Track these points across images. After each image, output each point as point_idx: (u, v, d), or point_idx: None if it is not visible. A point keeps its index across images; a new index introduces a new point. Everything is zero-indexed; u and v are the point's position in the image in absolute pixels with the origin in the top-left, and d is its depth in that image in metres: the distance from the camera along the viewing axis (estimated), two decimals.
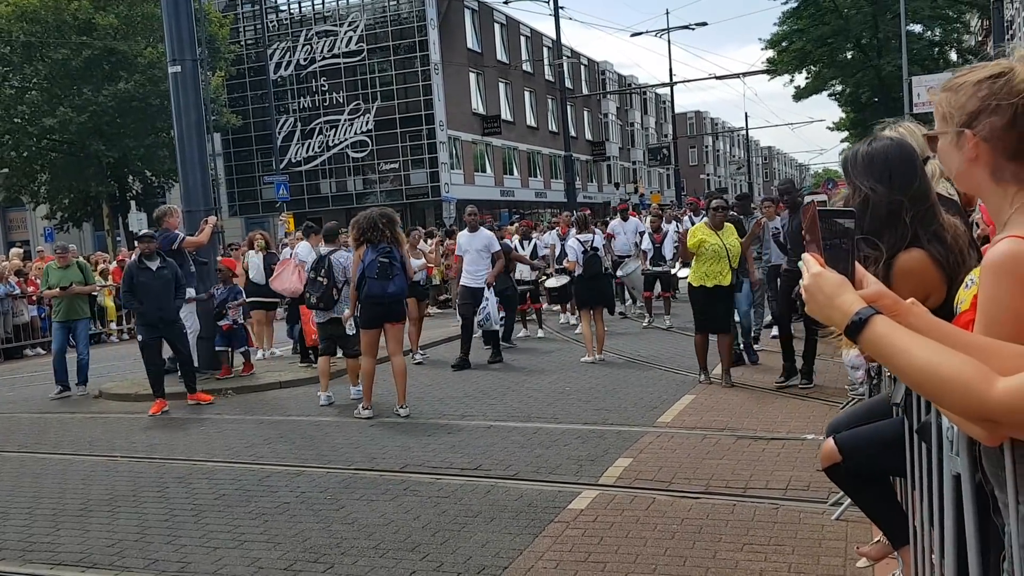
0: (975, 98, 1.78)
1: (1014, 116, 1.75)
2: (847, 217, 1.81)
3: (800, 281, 1.72)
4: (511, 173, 48.60)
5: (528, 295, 13.80)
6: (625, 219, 15.59)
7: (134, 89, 29.79)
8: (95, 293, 14.99)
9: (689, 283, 9.04)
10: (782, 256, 9.95)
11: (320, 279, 8.84)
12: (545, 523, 5.02)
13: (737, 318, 9.74)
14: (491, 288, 11.18)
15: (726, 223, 8.96)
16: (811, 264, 1.68)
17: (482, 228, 11.45)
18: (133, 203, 35.76)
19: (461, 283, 11.27)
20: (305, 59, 41.77)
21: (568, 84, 45.69)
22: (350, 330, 8.90)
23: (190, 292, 10.28)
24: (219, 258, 11.07)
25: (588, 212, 13.18)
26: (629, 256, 14.51)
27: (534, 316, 14.09)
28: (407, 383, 8.42)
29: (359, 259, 8.18)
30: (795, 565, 4.23)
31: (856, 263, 1.81)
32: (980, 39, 43.31)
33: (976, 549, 2.25)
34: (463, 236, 11.47)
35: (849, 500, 4.23)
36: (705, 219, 9.74)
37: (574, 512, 5.20)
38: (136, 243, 10.05)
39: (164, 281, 9.20)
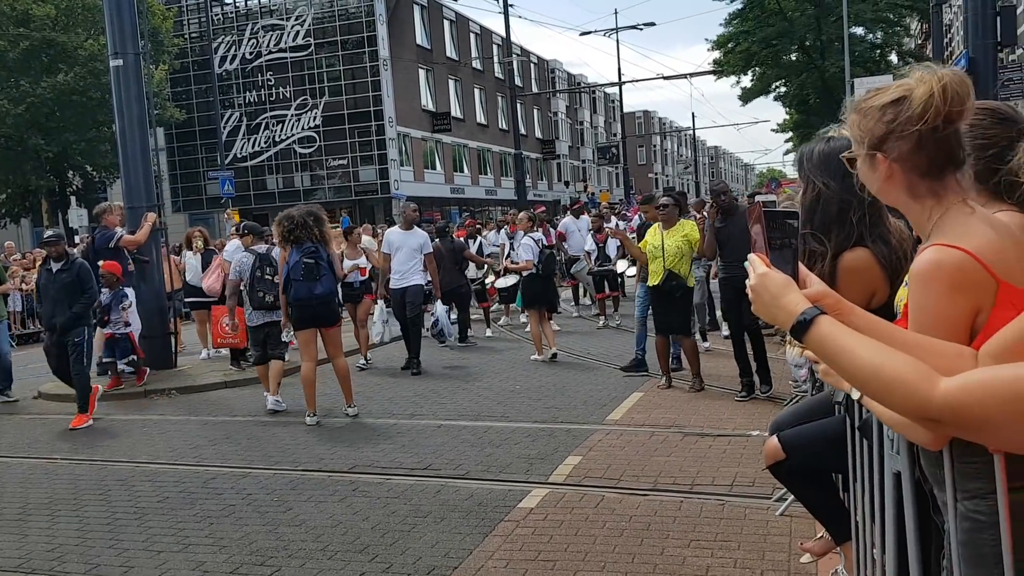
0: (881, 123, 1.84)
1: (919, 139, 1.81)
2: (792, 218, 1.84)
3: (746, 281, 1.75)
4: (461, 170, 48.50)
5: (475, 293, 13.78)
6: (578, 216, 15.52)
7: (74, 82, 29.07)
8: (8, 293, 14.49)
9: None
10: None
11: (268, 276, 8.51)
12: (495, 522, 5.03)
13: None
14: (439, 300, 10.91)
15: (684, 221, 8.61)
16: (757, 264, 1.70)
17: (416, 227, 10.89)
18: (73, 198, 34.89)
19: (391, 285, 10.58)
20: (251, 53, 41.16)
21: (518, 82, 45.78)
22: (287, 336, 8.68)
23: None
24: (101, 262, 9.91)
25: (543, 210, 12.99)
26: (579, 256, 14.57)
27: (481, 314, 14.07)
28: (352, 383, 8.25)
29: (284, 260, 7.95)
30: (741, 560, 4.29)
31: (800, 264, 1.84)
32: (920, 42, 44.41)
33: (916, 545, 2.30)
34: (395, 233, 10.81)
35: (793, 496, 4.31)
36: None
37: (524, 511, 5.21)
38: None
39: (60, 285, 8.51)
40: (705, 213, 10.06)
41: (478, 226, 16.86)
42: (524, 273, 10.88)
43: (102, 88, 26.46)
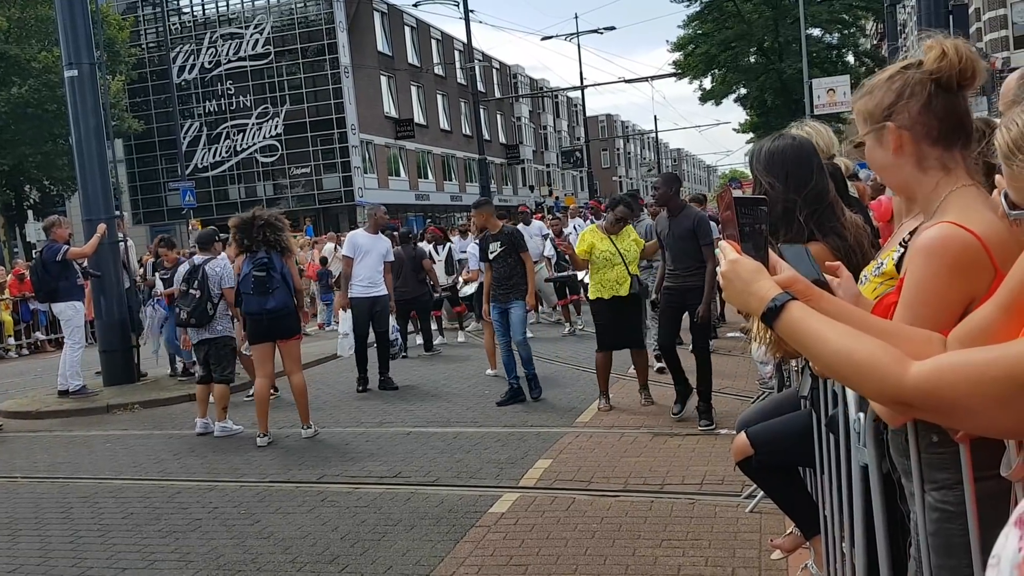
0: (890, 92, 1.85)
1: (929, 97, 1.81)
2: (761, 204, 1.84)
3: (717, 268, 1.72)
4: (426, 176, 48.40)
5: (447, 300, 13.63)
6: (528, 223, 14.62)
7: (29, 95, 28.57)
8: None
9: (588, 296, 7.96)
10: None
11: (192, 291, 7.91)
12: (466, 528, 5.00)
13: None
14: (392, 314, 10.31)
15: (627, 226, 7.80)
16: (728, 251, 1.69)
17: (380, 233, 10.01)
18: (31, 212, 34.33)
19: (355, 294, 9.56)
20: (210, 62, 40.76)
21: (480, 87, 45.70)
22: (247, 351, 8.22)
23: None
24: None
25: (525, 209, 11.75)
26: (536, 262, 13.96)
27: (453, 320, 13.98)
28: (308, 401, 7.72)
29: (239, 269, 7.67)
30: (712, 559, 4.30)
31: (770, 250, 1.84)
32: (875, 42, 45.12)
33: (884, 537, 2.31)
34: (362, 236, 9.80)
35: (762, 492, 4.33)
36: (598, 222, 8.23)
37: (495, 516, 5.18)
38: None
39: None
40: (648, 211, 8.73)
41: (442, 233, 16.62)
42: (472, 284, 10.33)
43: (58, 100, 26.04)
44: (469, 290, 12.52)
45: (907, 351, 1.39)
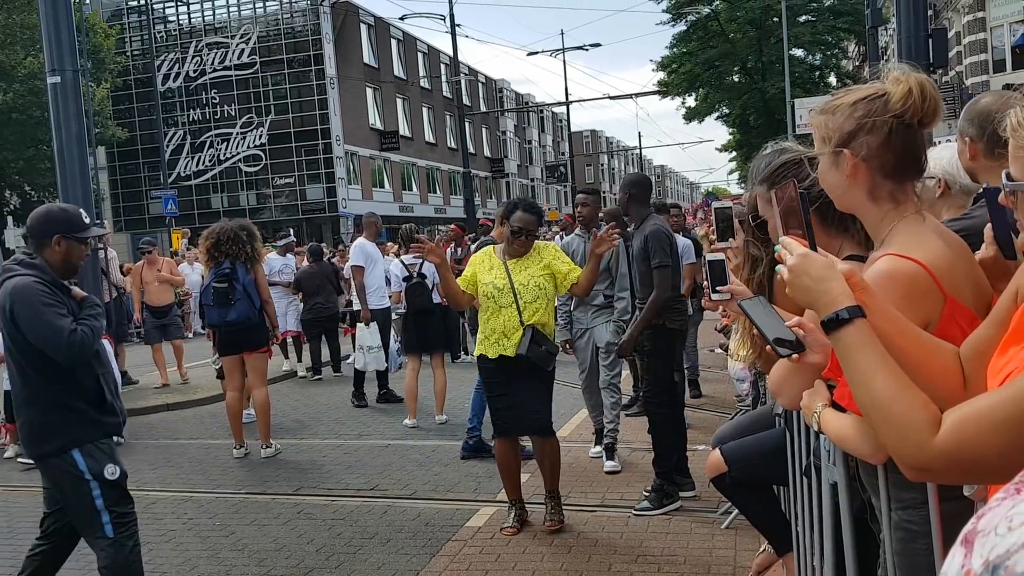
0: (851, 119, 1.86)
1: (889, 135, 1.83)
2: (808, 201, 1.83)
3: (782, 263, 1.60)
4: (410, 189, 48.39)
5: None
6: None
7: (13, 100, 28.41)
8: None
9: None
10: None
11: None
12: (442, 542, 4.99)
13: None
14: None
15: (540, 243, 5.37)
16: (794, 245, 1.60)
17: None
18: (10, 218, 34.06)
19: (375, 306, 9.00)
20: (195, 71, 40.66)
21: (466, 101, 45.90)
22: (215, 363, 8.19)
23: None
24: None
25: (412, 225, 9.45)
26: None
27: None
28: (271, 419, 7.59)
29: None
30: (687, 575, 4.31)
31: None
32: (857, 64, 45.61)
33: (852, 554, 2.34)
34: (370, 245, 9.25)
35: (737, 509, 4.35)
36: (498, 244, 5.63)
37: (471, 530, 5.18)
38: None
39: None
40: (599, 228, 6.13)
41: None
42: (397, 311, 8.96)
43: (42, 106, 25.84)
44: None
45: (936, 366, 1.40)
